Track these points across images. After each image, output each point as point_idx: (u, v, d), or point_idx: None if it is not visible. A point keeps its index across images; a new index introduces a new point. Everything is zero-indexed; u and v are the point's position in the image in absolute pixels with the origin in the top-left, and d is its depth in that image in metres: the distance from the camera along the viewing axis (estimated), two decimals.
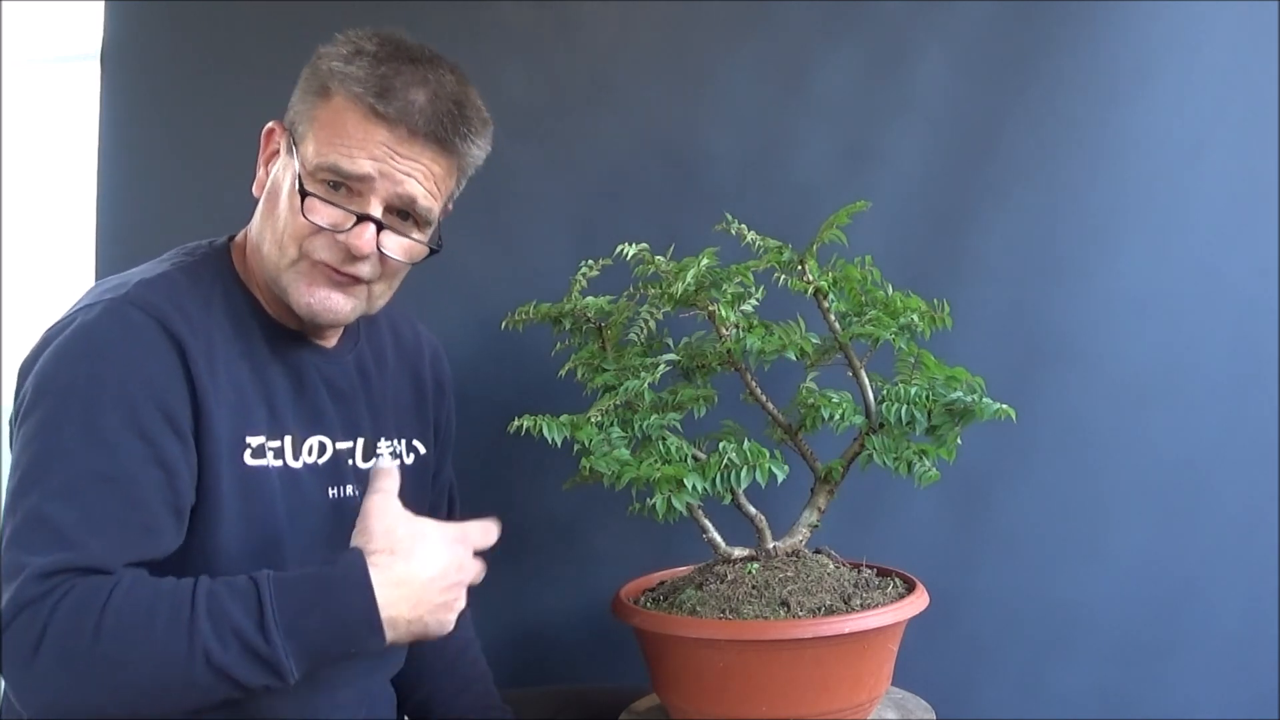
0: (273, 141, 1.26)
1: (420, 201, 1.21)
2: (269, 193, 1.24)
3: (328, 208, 1.18)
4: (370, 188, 1.19)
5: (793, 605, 1.22)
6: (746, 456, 1.21)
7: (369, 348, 1.37)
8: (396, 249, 1.22)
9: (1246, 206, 1.69)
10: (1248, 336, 1.69)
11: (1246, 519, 1.68)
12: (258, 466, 1.21)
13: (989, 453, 1.62)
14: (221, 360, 1.19)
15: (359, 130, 1.18)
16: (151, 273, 1.21)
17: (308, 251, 1.20)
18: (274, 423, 1.24)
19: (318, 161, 1.18)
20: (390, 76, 1.18)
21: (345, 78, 1.18)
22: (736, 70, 1.74)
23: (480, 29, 1.77)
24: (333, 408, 1.30)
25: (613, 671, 1.64)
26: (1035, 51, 1.68)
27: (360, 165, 1.17)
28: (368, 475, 1.30)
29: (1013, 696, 1.69)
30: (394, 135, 1.18)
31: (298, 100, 1.23)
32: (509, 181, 1.74)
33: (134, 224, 1.79)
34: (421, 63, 1.21)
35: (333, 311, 1.23)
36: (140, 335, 1.14)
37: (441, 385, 1.47)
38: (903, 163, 1.70)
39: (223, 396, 1.18)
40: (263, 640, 1.05)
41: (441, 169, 1.22)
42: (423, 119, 1.18)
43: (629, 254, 1.28)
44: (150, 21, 1.81)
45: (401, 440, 1.38)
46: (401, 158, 1.19)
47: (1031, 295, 1.69)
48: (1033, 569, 1.69)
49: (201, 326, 1.18)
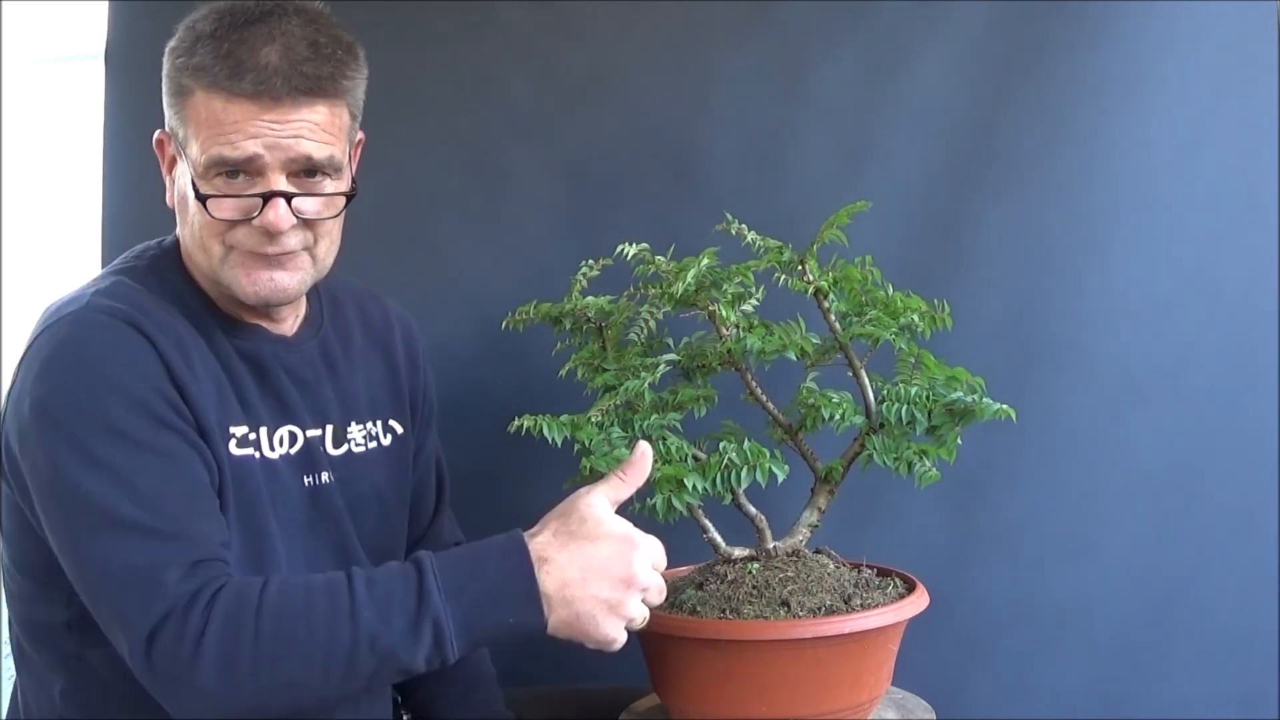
0: (166, 151, 1.24)
1: (316, 155, 1.17)
2: (180, 201, 1.23)
3: (230, 201, 1.16)
4: (264, 164, 1.15)
5: (793, 605, 1.22)
6: (746, 456, 1.21)
7: (333, 331, 1.36)
8: (313, 208, 1.19)
9: (1244, 208, 1.69)
10: (1244, 337, 1.69)
11: (1242, 519, 1.69)
12: (243, 456, 1.21)
13: (987, 453, 1.62)
14: (193, 353, 1.19)
15: (227, 115, 1.14)
16: (103, 284, 1.21)
17: (232, 243, 1.18)
18: (248, 414, 1.23)
19: (205, 159, 1.15)
20: (235, 50, 1.14)
21: (195, 70, 1.15)
22: (736, 70, 1.74)
23: (481, 29, 1.77)
24: (298, 396, 1.29)
25: (613, 671, 1.63)
26: (1034, 52, 1.68)
27: (244, 148, 1.14)
28: (340, 461, 1.31)
29: (1010, 694, 1.69)
30: (261, 106, 1.14)
31: (166, 106, 1.21)
32: (509, 181, 1.75)
33: (139, 224, 1.78)
34: (263, 19, 1.16)
35: (280, 290, 1.21)
36: (118, 334, 1.14)
37: (414, 360, 1.44)
38: (903, 163, 1.71)
39: (203, 388, 1.18)
40: (426, 611, 1.05)
41: (323, 115, 1.17)
42: (281, 79, 1.13)
43: (629, 254, 1.29)
44: (154, 21, 1.79)
45: (376, 422, 1.36)
46: (279, 124, 1.14)
47: (1029, 296, 1.69)
48: (1030, 568, 1.69)
49: (167, 324, 1.18)
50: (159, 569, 1.07)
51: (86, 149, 1.87)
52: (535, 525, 1.13)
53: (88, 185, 1.84)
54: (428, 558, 1.09)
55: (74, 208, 2.05)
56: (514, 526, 1.13)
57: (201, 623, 1.05)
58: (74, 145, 2.08)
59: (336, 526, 1.29)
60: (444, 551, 1.12)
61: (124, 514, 1.08)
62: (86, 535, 1.09)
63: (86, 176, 1.86)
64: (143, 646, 1.06)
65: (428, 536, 1.47)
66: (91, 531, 1.09)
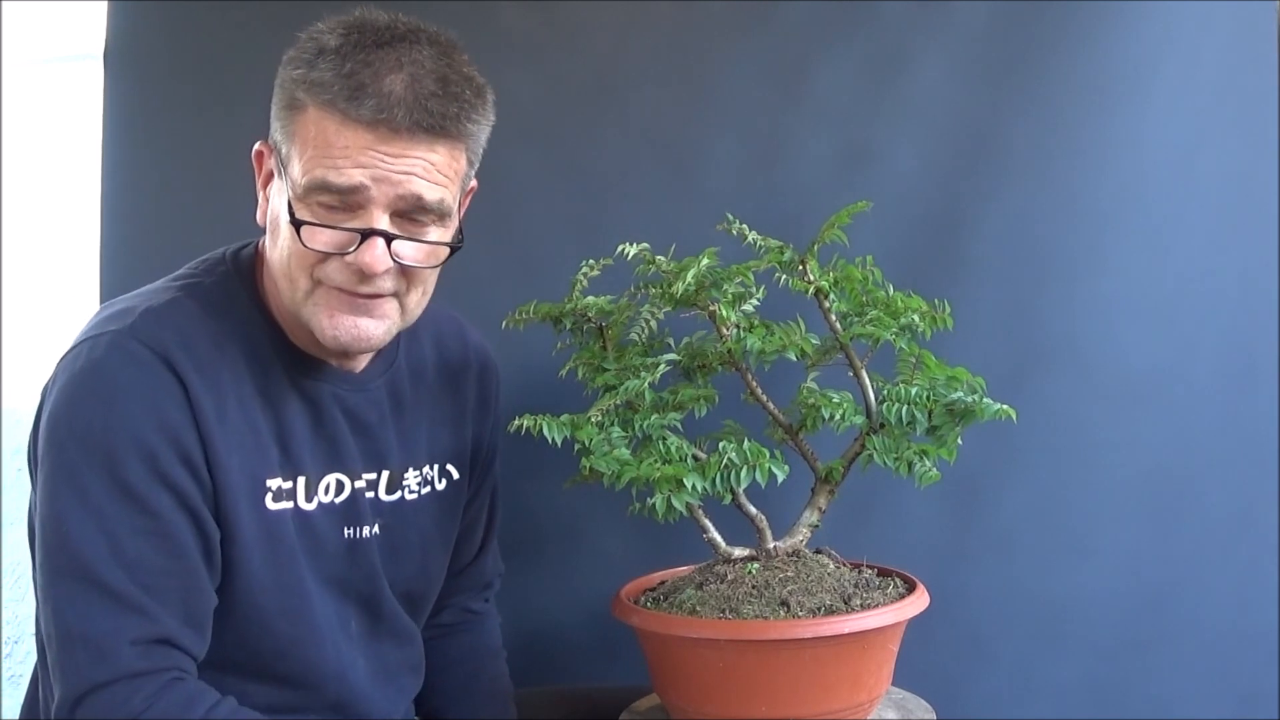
0: (264, 164, 1.17)
1: (427, 196, 1.09)
2: (271, 221, 1.15)
3: (326, 231, 1.09)
4: (368, 198, 1.08)
5: (793, 605, 1.22)
6: (747, 456, 1.21)
7: (406, 365, 1.30)
8: (413, 255, 1.12)
9: (1243, 208, 1.69)
10: (1243, 338, 1.69)
11: (1239, 518, 1.69)
12: (279, 511, 1.17)
13: (987, 453, 1.62)
14: (232, 400, 1.13)
15: (339, 139, 1.06)
16: (160, 299, 1.15)
17: (321, 278, 1.11)
18: (287, 464, 1.18)
19: (306, 181, 1.08)
20: (358, 72, 1.06)
21: (312, 85, 1.07)
22: (736, 70, 1.74)
23: (481, 30, 1.77)
24: (353, 441, 1.24)
25: (613, 671, 1.64)
26: (1034, 53, 1.69)
27: (350, 176, 1.06)
28: (390, 508, 1.27)
29: (1010, 694, 1.69)
30: (377, 136, 1.06)
31: (274, 117, 1.13)
32: (509, 181, 1.74)
33: (138, 225, 1.79)
34: (393, 44, 1.08)
35: (363, 339, 1.14)
36: (147, 373, 1.09)
37: (486, 402, 1.39)
38: (903, 163, 1.71)
39: (234, 439, 1.13)
40: None
41: (442, 156, 1.10)
42: (403, 111, 1.06)
43: (630, 254, 1.28)
44: (154, 21, 1.81)
45: (434, 466, 1.32)
46: (393, 158, 1.07)
47: (1029, 296, 1.69)
48: (1029, 568, 1.69)
49: (209, 364, 1.12)
50: (114, 636, 1.04)
51: (86, 149, 1.87)
52: None
53: (87, 185, 1.84)
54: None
55: (73, 207, 2.04)
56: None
57: (141, 708, 1.03)
58: (73, 145, 2.08)
59: (369, 580, 1.26)
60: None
61: (99, 570, 1.05)
62: (56, 575, 1.07)
63: (85, 176, 1.86)
64: (69, 706, 1.04)
65: (468, 572, 1.45)
66: (61, 574, 1.06)
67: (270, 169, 1.16)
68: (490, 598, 1.51)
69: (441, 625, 1.44)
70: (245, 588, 1.15)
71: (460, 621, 1.46)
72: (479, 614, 1.48)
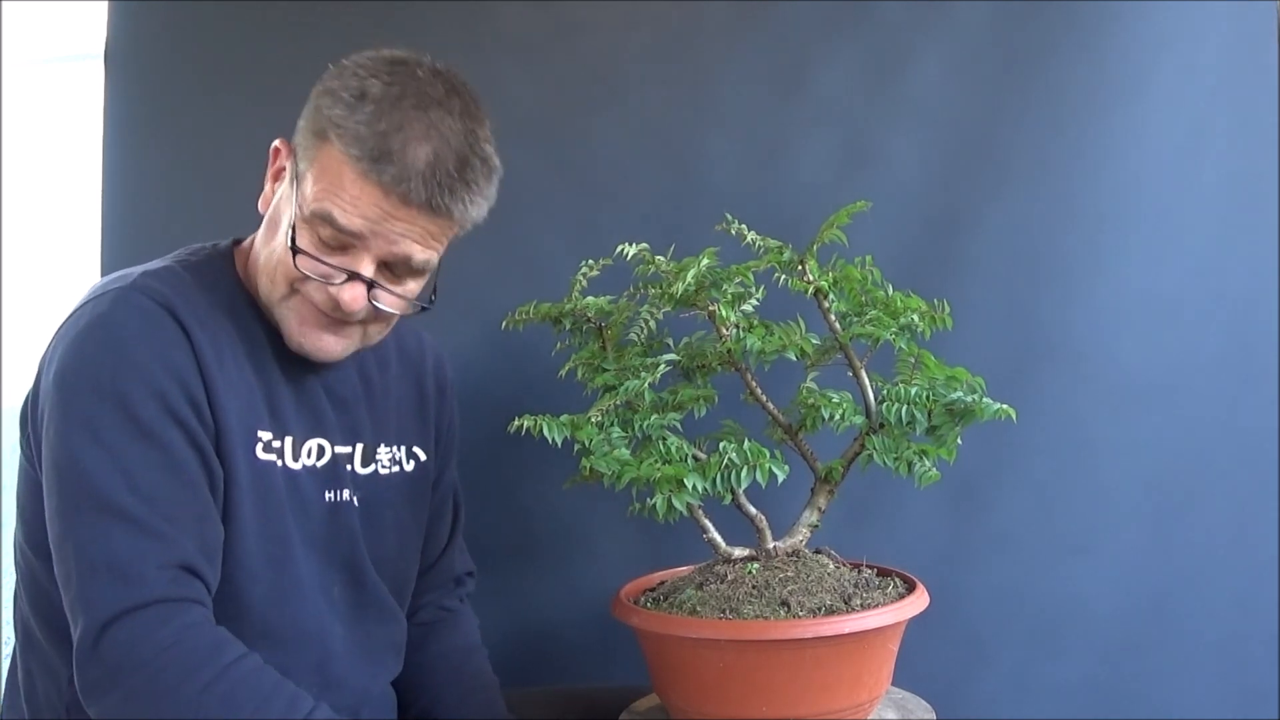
0: (279, 160, 1.24)
1: (417, 257, 1.19)
2: (270, 217, 1.24)
3: (317, 264, 1.17)
4: (364, 244, 1.17)
5: (793, 605, 1.22)
6: (746, 456, 1.21)
7: (372, 353, 1.37)
8: (389, 302, 1.21)
9: (1243, 208, 1.69)
10: (1244, 337, 1.69)
11: (1240, 518, 1.69)
12: (267, 462, 1.22)
13: (987, 453, 1.62)
14: (228, 353, 1.20)
15: (354, 187, 1.14)
16: (155, 266, 1.22)
17: (299, 290, 1.20)
18: (276, 422, 1.24)
19: (314, 207, 1.16)
20: (390, 134, 1.13)
21: (344, 132, 1.14)
22: (736, 70, 1.74)
23: (480, 30, 1.77)
24: (332, 413, 1.31)
25: (613, 671, 1.64)
26: (1034, 53, 1.69)
27: (353, 222, 1.15)
28: (365, 480, 1.32)
29: (1010, 694, 1.69)
30: (388, 200, 1.14)
31: (301, 131, 1.20)
32: (509, 182, 1.73)
33: (138, 224, 1.79)
34: (428, 109, 1.15)
35: (325, 352, 1.23)
36: (154, 321, 1.15)
37: (443, 390, 1.47)
38: (902, 163, 1.71)
39: (231, 388, 1.19)
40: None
41: (440, 227, 1.20)
42: (419, 185, 1.14)
43: (629, 254, 1.29)
44: (155, 21, 1.81)
45: (401, 446, 1.38)
46: (396, 220, 1.16)
47: (1029, 296, 1.69)
48: (1030, 568, 1.69)
49: (208, 318, 1.19)
50: (140, 562, 1.07)
51: (86, 149, 1.87)
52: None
53: (87, 184, 1.84)
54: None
55: (73, 207, 2.04)
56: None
57: (168, 641, 1.05)
58: (73, 145, 2.08)
59: (351, 546, 1.30)
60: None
61: (118, 500, 1.09)
62: (75, 512, 1.10)
63: (86, 176, 1.86)
64: (95, 632, 1.06)
65: (438, 566, 1.48)
66: (81, 509, 1.09)
67: (284, 167, 1.23)
68: (464, 596, 1.53)
69: (420, 624, 1.46)
70: (239, 531, 1.18)
71: (437, 620, 1.48)
72: (454, 611, 1.50)
